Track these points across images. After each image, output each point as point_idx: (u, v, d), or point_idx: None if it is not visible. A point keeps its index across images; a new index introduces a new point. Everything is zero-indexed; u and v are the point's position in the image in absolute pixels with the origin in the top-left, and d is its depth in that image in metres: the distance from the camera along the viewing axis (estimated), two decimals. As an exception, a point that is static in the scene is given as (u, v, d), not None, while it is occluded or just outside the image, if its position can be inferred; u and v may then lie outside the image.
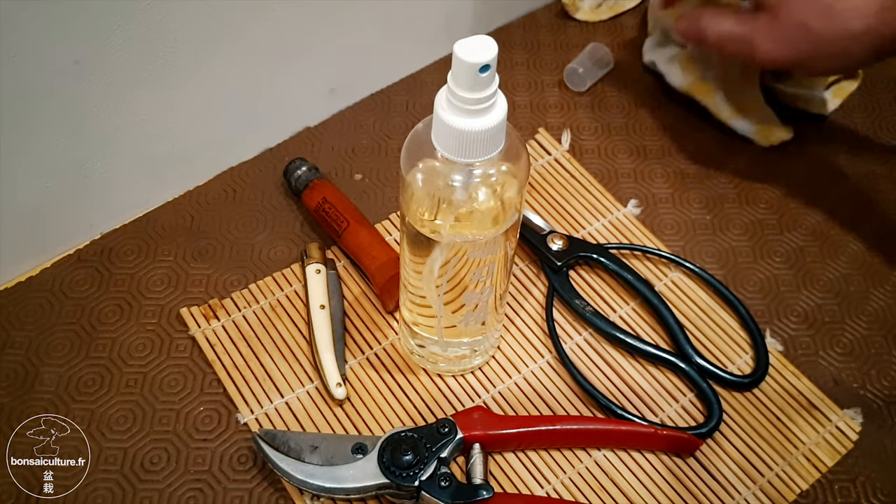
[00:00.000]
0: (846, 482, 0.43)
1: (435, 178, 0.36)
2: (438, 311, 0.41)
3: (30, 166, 0.46)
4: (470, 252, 0.37)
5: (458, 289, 0.39)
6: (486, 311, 0.41)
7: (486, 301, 0.41)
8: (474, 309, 0.41)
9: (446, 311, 0.41)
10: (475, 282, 0.39)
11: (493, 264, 0.39)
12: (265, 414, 0.44)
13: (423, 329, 0.43)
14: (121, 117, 0.48)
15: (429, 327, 0.43)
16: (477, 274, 0.38)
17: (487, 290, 0.40)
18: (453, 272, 0.38)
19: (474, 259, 0.38)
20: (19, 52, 0.41)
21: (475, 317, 0.41)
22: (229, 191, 0.54)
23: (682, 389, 0.46)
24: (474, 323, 0.42)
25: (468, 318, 0.41)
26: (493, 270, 0.39)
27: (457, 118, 0.32)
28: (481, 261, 0.38)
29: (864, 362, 0.47)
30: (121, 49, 0.45)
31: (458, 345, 0.44)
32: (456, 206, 0.36)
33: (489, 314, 0.42)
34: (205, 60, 0.49)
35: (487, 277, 0.39)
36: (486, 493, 0.39)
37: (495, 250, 0.38)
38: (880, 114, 0.60)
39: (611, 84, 0.61)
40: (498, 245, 0.38)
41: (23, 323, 0.47)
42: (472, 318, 0.41)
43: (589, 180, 0.55)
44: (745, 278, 0.50)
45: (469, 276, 0.39)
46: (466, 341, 0.44)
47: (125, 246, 0.51)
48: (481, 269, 0.38)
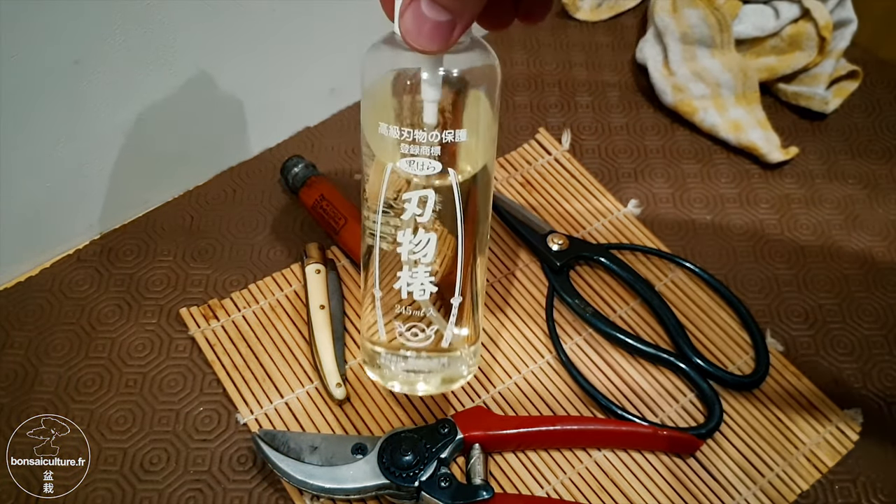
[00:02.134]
0: (847, 482, 0.43)
1: (400, 77, 0.31)
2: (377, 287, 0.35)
3: (30, 166, 0.46)
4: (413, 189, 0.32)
5: (392, 261, 0.34)
6: (435, 317, 0.35)
7: (427, 294, 0.35)
8: (410, 306, 0.35)
9: (383, 298, 0.35)
10: (410, 250, 0.33)
11: (434, 235, 0.33)
12: (265, 414, 0.44)
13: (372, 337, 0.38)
14: (121, 117, 0.48)
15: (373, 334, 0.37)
16: (418, 244, 0.33)
17: (424, 275, 0.34)
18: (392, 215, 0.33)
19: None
20: (19, 51, 0.41)
21: (418, 323, 0.36)
22: (229, 191, 0.54)
23: (682, 389, 0.46)
24: (420, 333, 0.36)
25: (405, 315, 0.35)
26: (436, 246, 0.34)
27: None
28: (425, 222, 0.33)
29: (865, 362, 0.47)
30: (121, 49, 0.45)
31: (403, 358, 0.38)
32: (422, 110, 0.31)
33: (442, 324, 0.36)
34: (205, 60, 0.49)
35: (426, 249, 0.34)
36: (486, 494, 0.39)
37: (447, 206, 0.33)
38: (880, 114, 0.60)
39: (611, 84, 0.61)
40: (447, 199, 0.32)
41: (22, 323, 0.47)
42: (415, 325, 0.36)
43: (589, 180, 0.55)
44: (745, 278, 0.50)
45: (406, 242, 0.33)
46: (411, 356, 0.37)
47: (125, 246, 0.51)
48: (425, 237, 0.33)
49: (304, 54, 0.54)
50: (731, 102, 0.58)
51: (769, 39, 0.59)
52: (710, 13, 0.58)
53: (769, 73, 0.59)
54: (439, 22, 0.27)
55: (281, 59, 0.53)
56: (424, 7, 0.26)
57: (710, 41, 0.59)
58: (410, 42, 0.28)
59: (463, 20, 0.27)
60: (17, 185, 0.46)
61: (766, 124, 0.57)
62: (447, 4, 0.26)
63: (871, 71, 0.61)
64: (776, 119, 0.58)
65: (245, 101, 0.53)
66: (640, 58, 0.61)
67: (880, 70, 0.62)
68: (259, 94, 0.54)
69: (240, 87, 0.52)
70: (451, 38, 0.27)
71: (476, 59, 0.31)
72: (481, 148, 0.33)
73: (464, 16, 0.27)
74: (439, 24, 0.27)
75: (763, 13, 0.59)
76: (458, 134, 0.31)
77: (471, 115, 0.32)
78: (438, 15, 0.26)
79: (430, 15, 0.26)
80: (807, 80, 0.59)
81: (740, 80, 0.58)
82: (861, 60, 0.61)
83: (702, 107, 0.57)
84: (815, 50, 0.59)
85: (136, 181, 0.51)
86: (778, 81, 0.60)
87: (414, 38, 0.27)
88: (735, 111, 0.57)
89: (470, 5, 0.27)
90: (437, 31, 0.27)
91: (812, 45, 0.59)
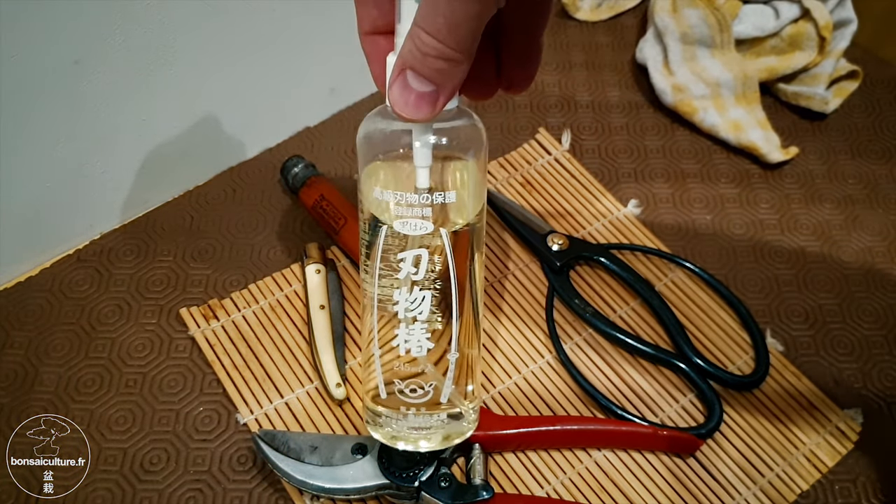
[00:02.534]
0: (846, 482, 0.43)
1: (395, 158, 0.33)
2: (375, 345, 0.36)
3: (30, 166, 0.46)
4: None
5: (389, 314, 0.35)
6: (432, 373, 0.36)
7: (424, 350, 0.36)
8: (409, 363, 0.36)
9: (382, 354, 0.36)
10: (406, 306, 0.35)
11: (428, 294, 0.35)
12: (265, 414, 0.44)
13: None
14: (121, 117, 0.48)
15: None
16: (413, 301, 0.35)
17: (420, 332, 0.35)
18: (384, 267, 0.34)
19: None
20: (19, 51, 0.41)
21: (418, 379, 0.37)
22: (229, 191, 0.54)
23: (682, 389, 0.46)
24: (420, 389, 0.37)
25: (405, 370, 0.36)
26: (430, 303, 0.35)
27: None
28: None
29: (865, 362, 0.47)
30: (121, 49, 0.45)
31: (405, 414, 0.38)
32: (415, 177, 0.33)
33: (442, 382, 0.36)
34: (205, 60, 0.49)
35: (421, 307, 0.35)
36: (486, 494, 0.39)
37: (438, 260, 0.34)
38: (880, 114, 0.60)
39: (611, 84, 0.61)
40: (438, 251, 0.34)
41: (22, 323, 0.47)
42: (415, 380, 0.37)
43: (589, 180, 0.55)
44: (745, 278, 0.50)
45: (401, 296, 0.35)
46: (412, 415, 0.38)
47: (125, 246, 0.51)
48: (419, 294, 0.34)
49: (304, 54, 0.54)
50: (731, 102, 0.58)
51: (769, 39, 0.59)
52: (710, 13, 0.58)
53: (769, 73, 0.59)
54: (424, 93, 0.29)
55: (281, 59, 0.53)
56: (410, 79, 0.29)
57: (710, 41, 0.59)
58: (398, 111, 0.30)
59: (446, 91, 0.29)
60: (17, 185, 0.46)
61: (766, 124, 0.57)
62: (431, 77, 0.28)
63: (871, 71, 0.61)
64: (776, 119, 0.58)
65: (245, 101, 0.53)
66: (640, 58, 0.61)
67: (880, 70, 0.62)
68: (259, 94, 0.54)
69: (240, 87, 0.52)
70: (435, 108, 0.30)
71: (463, 125, 0.33)
72: (470, 205, 0.35)
73: (446, 87, 0.29)
74: (424, 94, 0.29)
75: (763, 13, 0.59)
76: (447, 196, 0.33)
77: (460, 176, 0.34)
78: (423, 86, 0.29)
79: (415, 86, 0.29)
80: (807, 80, 0.59)
81: (740, 80, 0.58)
82: (861, 60, 0.61)
83: (702, 107, 0.57)
84: (815, 50, 0.59)
85: (136, 181, 0.51)
86: (778, 81, 0.60)
87: (401, 108, 0.30)
88: (735, 111, 0.57)
89: (451, 77, 0.29)
90: (423, 101, 0.29)
91: (812, 45, 0.59)
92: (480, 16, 0.27)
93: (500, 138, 0.57)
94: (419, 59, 0.28)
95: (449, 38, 0.27)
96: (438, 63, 0.28)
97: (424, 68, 0.28)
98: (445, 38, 0.27)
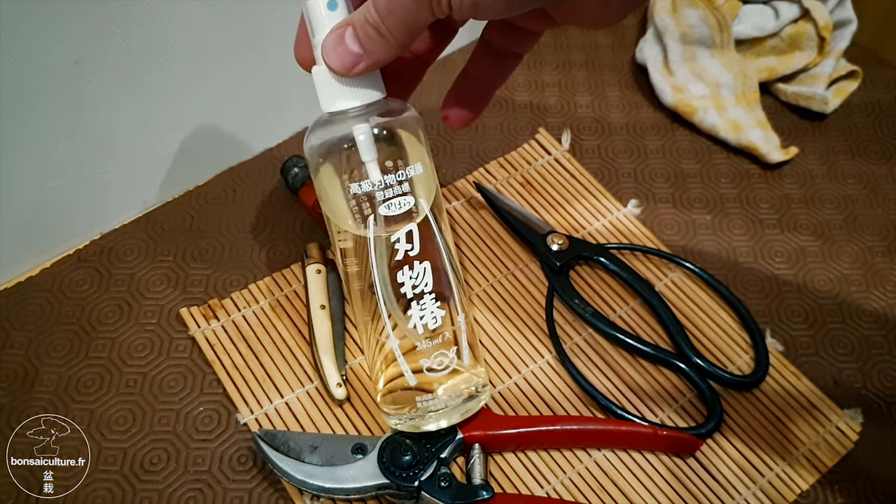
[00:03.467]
0: (846, 482, 0.43)
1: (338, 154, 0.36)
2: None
3: (30, 166, 0.46)
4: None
5: (394, 302, 0.37)
6: (454, 342, 0.39)
7: (439, 320, 0.38)
8: (429, 338, 0.38)
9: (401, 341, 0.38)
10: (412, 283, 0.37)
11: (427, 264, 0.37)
12: (265, 414, 0.44)
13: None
14: (121, 117, 0.48)
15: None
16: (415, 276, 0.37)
17: (431, 303, 0.37)
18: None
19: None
20: (19, 51, 0.41)
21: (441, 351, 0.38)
22: (229, 191, 0.54)
23: (682, 389, 0.46)
24: (445, 358, 0.39)
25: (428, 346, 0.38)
26: (432, 272, 0.37)
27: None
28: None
29: (865, 362, 0.47)
30: (121, 49, 0.45)
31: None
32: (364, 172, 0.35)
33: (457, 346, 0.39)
34: (205, 60, 0.49)
35: (425, 278, 0.37)
36: (486, 494, 0.39)
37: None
38: (880, 114, 0.60)
39: (611, 84, 0.61)
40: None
41: (22, 323, 0.47)
42: (438, 352, 0.38)
43: (589, 180, 0.55)
44: (745, 278, 0.50)
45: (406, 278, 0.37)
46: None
47: (125, 246, 0.51)
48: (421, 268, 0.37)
49: (304, 54, 0.54)
50: (730, 102, 0.58)
51: (769, 39, 0.59)
52: (710, 13, 0.58)
53: (769, 73, 0.59)
54: (352, 51, 0.32)
55: (281, 59, 0.53)
56: (347, 36, 0.32)
57: (710, 41, 0.59)
58: (324, 55, 0.33)
59: (368, 60, 0.32)
60: (17, 185, 0.46)
61: (765, 124, 0.57)
62: (363, 41, 0.32)
63: (871, 71, 0.61)
64: (776, 119, 0.58)
65: (245, 101, 0.53)
66: (639, 58, 0.61)
67: (880, 70, 0.62)
68: (259, 94, 0.54)
69: (240, 87, 0.52)
70: (353, 68, 0.33)
71: (396, 113, 0.36)
72: (432, 177, 0.37)
73: (371, 56, 0.32)
74: (350, 52, 0.32)
75: (763, 13, 0.59)
76: (416, 167, 0.36)
77: (416, 150, 0.37)
78: (353, 46, 0.32)
79: (348, 42, 0.32)
80: (807, 81, 0.59)
81: (740, 80, 0.58)
82: (861, 60, 0.61)
83: (701, 107, 0.57)
84: (814, 50, 0.59)
85: (136, 181, 0.51)
86: (778, 81, 0.60)
87: (328, 54, 0.33)
88: (735, 111, 0.57)
89: (377, 51, 0.32)
90: (346, 56, 0.33)
91: (812, 46, 0.59)
92: (412, 13, 0.30)
93: (499, 138, 0.57)
94: (360, 23, 0.32)
95: (387, 18, 0.31)
96: (372, 32, 0.31)
97: (361, 31, 0.32)
98: (384, 17, 0.31)
